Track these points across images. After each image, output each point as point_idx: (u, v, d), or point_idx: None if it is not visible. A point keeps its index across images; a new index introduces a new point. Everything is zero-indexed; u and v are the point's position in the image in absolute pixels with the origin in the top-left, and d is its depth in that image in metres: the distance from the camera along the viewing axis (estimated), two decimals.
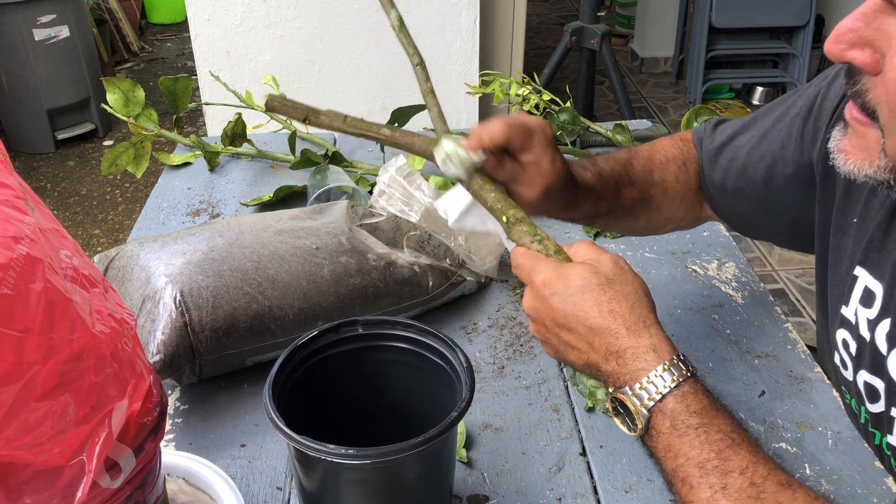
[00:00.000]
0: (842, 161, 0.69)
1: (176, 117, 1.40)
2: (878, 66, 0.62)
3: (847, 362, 0.85)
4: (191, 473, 0.77)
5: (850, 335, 0.83)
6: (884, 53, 0.62)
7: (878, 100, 0.63)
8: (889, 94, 0.62)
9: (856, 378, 0.83)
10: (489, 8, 2.47)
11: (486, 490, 0.82)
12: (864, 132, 0.66)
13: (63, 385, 0.51)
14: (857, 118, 0.67)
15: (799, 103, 0.90)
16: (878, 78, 0.63)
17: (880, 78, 0.63)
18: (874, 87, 0.64)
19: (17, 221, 0.51)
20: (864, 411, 0.83)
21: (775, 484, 0.61)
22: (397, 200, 1.16)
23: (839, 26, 0.64)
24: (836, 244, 0.86)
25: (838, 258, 0.86)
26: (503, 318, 1.07)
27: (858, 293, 0.81)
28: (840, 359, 0.86)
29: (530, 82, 1.41)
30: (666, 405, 0.64)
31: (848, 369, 0.85)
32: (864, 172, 0.67)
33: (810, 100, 0.88)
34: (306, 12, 2.20)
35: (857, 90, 0.65)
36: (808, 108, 0.88)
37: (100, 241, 3.08)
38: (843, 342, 0.85)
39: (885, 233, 0.79)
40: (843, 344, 0.85)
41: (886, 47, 0.61)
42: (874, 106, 0.64)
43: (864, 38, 0.62)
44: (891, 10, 0.61)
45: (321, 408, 0.77)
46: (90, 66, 3.72)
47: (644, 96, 4.37)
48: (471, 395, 0.68)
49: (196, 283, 0.90)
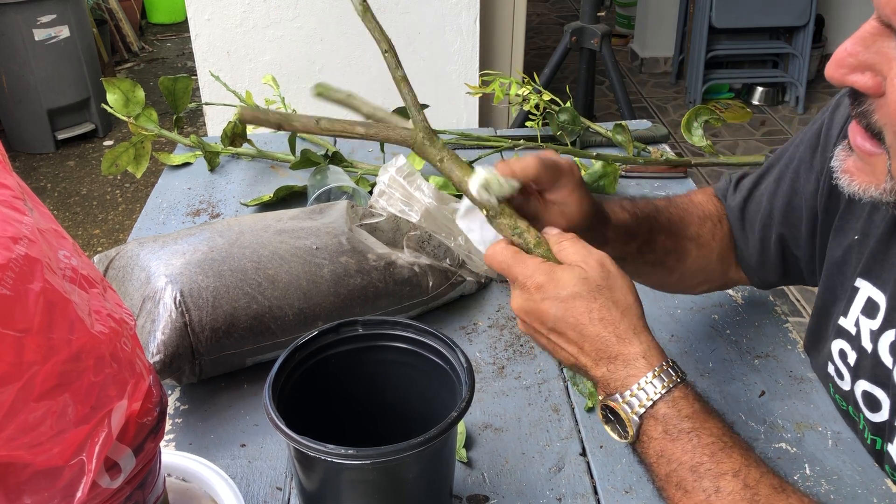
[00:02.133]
0: (846, 182, 0.69)
1: (176, 117, 1.40)
2: (880, 89, 0.63)
3: (844, 373, 0.85)
4: (191, 473, 0.77)
5: (850, 346, 0.83)
6: (885, 76, 0.62)
7: (883, 121, 0.63)
8: (892, 116, 0.62)
9: (853, 388, 0.83)
10: (489, 8, 2.47)
11: (486, 490, 0.82)
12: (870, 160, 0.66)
13: (62, 385, 0.51)
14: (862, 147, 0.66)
15: (806, 138, 0.91)
16: (882, 100, 0.63)
17: (883, 100, 0.63)
18: (879, 109, 0.64)
19: (16, 222, 0.51)
20: (863, 418, 0.84)
21: (769, 487, 0.61)
22: (397, 200, 1.16)
23: (839, 51, 0.64)
24: (834, 258, 0.87)
25: (837, 271, 0.86)
26: (503, 319, 1.07)
27: (860, 304, 0.81)
28: (835, 369, 0.86)
29: (530, 82, 1.40)
30: (657, 411, 0.64)
31: (844, 379, 0.85)
32: (870, 193, 0.68)
33: (815, 133, 0.89)
34: (306, 12, 2.20)
35: (863, 111, 0.65)
36: (815, 141, 0.89)
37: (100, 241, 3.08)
38: (841, 352, 0.85)
39: (887, 246, 0.79)
40: (839, 354, 0.85)
41: (887, 70, 0.62)
42: (880, 127, 0.64)
43: (865, 62, 0.63)
44: (889, 34, 0.61)
45: (321, 408, 0.76)
46: (90, 66, 3.72)
47: (644, 96, 4.37)
48: (471, 395, 0.68)
49: (196, 284, 0.90)
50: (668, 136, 1.59)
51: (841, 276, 0.86)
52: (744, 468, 0.62)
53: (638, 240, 0.88)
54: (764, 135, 3.90)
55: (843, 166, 0.69)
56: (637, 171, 1.41)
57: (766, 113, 4.14)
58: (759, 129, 3.97)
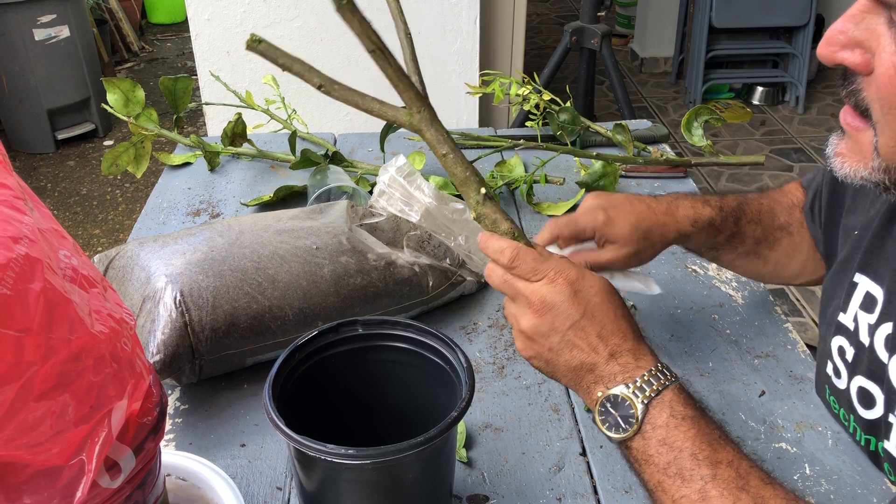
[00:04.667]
0: (838, 165, 0.71)
1: (176, 117, 1.40)
2: (869, 66, 0.64)
3: (841, 370, 0.85)
4: (191, 473, 0.77)
5: (848, 342, 0.84)
6: (873, 52, 0.63)
7: (871, 97, 0.65)
8: (880, 90, 0.63)
9: (849, 385, 0.84)
10: (489, 8, 2.47)
11: (486, 490, 0.82)
12: (857, 136, 0.68)
13: (62, 385, 0.51)
14: (850, 122, 0.68)
15: None
16: (870, 77, 0.64)
17: (871, 77, 0.64)
18: (867, 87, 0.65)
19: (16, 222, 0.51)
20: (854, 420, 0.84)
21: (757, 479, 0.65)
22: (397, 200, 1.16)
23: (830, 29, 0.65)
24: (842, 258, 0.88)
25: (840, 269, 0.87)
26: (503, 318, 1.07)
27: (859, 299, 0.82)
28: (833, 367, 0.87)
29: (530, 82, 1.40)
30: (664, 397, 0.67)
31: (841, 377, 0.85)
32: (860, 175, 0.69)
33: None
34: (306, 12, 2.20)
35: (852, 90, 0.66)
36: None
37: (100, 241, 3.08)
38: (840, 349, 0.85)
39: (882, 239, 0.80)
40: (838, 351, 0.85)
41: (875, 45, 0.63)
42: (867, 104, 0.65)
43: (854, 39, 0.64)
44: (878, 10, 0.62)
45: (321, 408, 0.76)
46: (90, 66, 3.72)
47: (644, 96, 4.37)
48: (471, 395, 0.68)
49: (196, 283, 0.90)
50: (668, 136, 1.59)
51: (842, 273, 0.86)
52: (736, 459, 0.65)
53: (725, 231, 0.93)
54: (764, 135, 3.90)
55: (836, 150, 0.71)
56: (637, 171, 1.41)
57: (766, 113, 4.14)
58: (759, 129, 3.97)
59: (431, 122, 0.71)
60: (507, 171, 1.38)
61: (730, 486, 0.63)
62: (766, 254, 0.98)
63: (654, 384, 0.67)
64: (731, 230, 0.94)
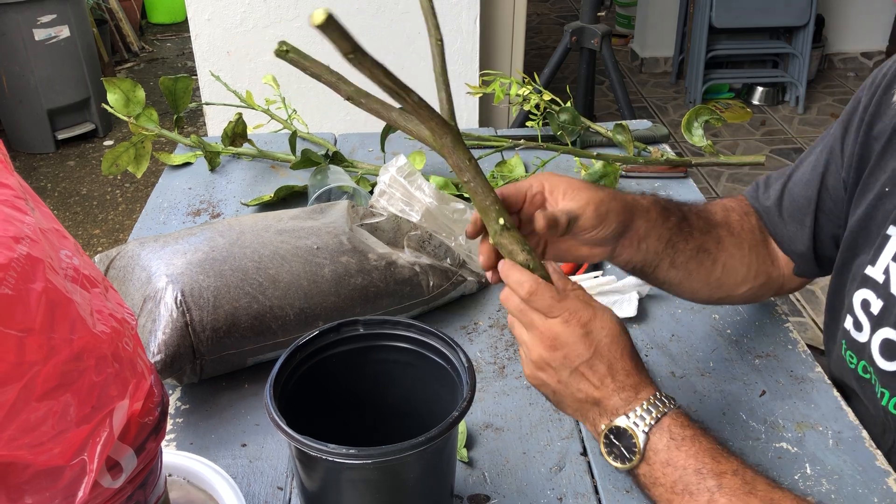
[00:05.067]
0: None
1: (176, 117, 1.40)
2: None
3: (863, 323, 0.87)
4: (192, 473, 0.77)
5: (875, 294, 0.85)
6: None
7: None
8: None
9: (871, 338, 0.85)
10: (489, 8, 2.47)
11: (487, 490, 0.82)
12: None
13: (64, 385, 0.51)
14: None
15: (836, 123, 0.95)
16: None
17: None
18: None
19: (18, 221, 0.51)
20: (874, 371, 0.85)
21: (765, 483, 0.67)
22: (398, 200, 1.16)
23: None
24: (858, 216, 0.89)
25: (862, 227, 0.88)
26: (504, 318, 1.07)
27: (891, 252, 0.84)
28: (854, 321, 0.88)
29: (530, 82, 1.41)
30: (663, 423, 0.71)
31: (863, 330, 0.87)
32: None
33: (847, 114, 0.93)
34: (306, 12, 2.20)
35: None
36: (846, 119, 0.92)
37: (100, 241, 3.08)
38: (864, 302, 0.86)
39: None
40: (861, 304, 0.87)
41: None
42: None
43: None
44: None
45: (322, 408, 0.77)
46: (90, 66, 3.72)
47: (644, 96, 4.38)
48: (472, 394, 0.68)
49: (197, 283, 0.90)
50: (669, 136, 1.59)
51: (866, 230, 0.88)
52: (741, 468, 0.68)
53: (674, 215, 0.91)
54: (764, 135, 3.91)
55: None
56: (637, 171, 1.41)
57: (766, 113, 4.14)
58: (759, 129, 3.97)
59: (454, 149, 0.71)
60: (508, 171, 1.38)
61: (737, 493, 0.66)
62: (715, 252, 0.93)
63: (654, 412, 0.71)
64: (679, 215, 0.91)
